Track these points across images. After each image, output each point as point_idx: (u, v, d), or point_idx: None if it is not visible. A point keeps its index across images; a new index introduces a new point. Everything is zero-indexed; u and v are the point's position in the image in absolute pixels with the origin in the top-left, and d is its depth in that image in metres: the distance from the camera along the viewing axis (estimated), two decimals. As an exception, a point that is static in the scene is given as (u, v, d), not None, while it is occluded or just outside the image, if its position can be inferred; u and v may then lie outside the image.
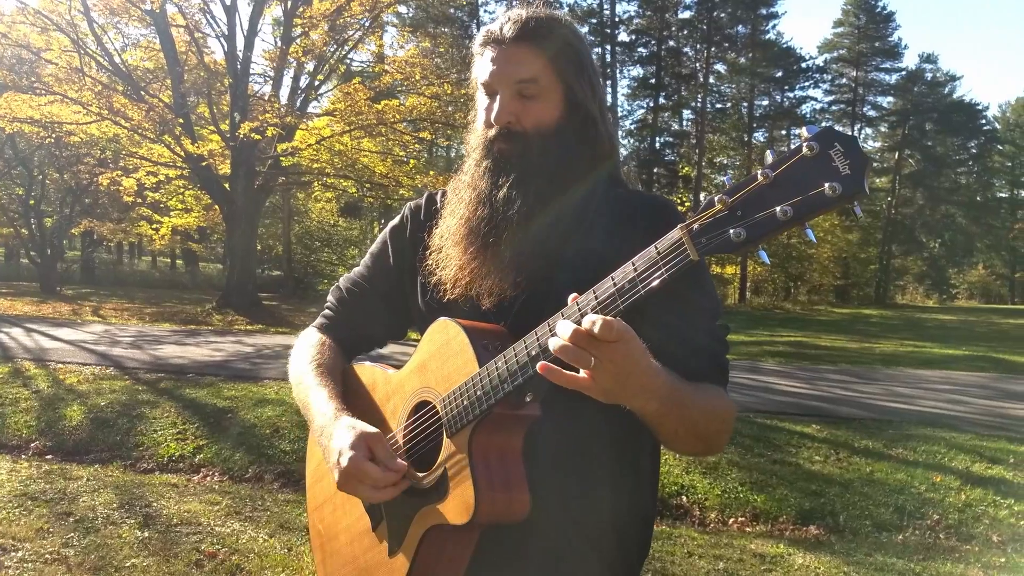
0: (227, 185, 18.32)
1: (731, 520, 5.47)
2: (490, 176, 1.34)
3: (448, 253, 1.36)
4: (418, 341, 1.37)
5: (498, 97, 1.35)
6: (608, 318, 0.99)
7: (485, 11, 37.96)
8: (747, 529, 5.34)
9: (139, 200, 21.65)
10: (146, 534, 4.43)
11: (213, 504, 5.13)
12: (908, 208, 46.98)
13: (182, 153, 17.31)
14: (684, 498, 5.73)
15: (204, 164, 17.17)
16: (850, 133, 0.92)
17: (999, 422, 7.94)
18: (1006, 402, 9.37)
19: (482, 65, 1.38)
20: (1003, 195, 57.08)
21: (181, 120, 17.26)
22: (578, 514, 1.31)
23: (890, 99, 47.25)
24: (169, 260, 41.81)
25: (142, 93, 17.42)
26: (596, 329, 0.98)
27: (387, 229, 1.58)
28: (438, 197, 1.52)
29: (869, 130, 48.22)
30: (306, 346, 1.57)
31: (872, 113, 47.26)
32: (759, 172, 0.95)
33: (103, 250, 36.97)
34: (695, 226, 0.98)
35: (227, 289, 19.38)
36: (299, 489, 5.82)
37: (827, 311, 33.28)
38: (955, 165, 50.19)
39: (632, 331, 1.01)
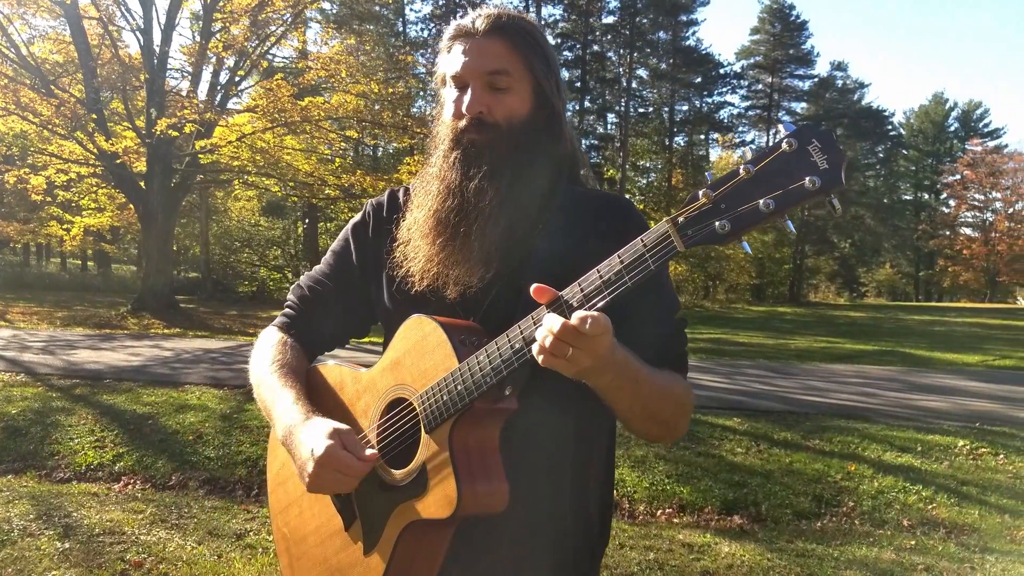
0: (142, 183, 17.70)
1: (659, 512, 5.61)
2: (460, 167, 1.33)
3: (416, 245, 1.35)
4: (375, 343, 1.36)
5: (470, 88, 1.35)
6: (595, 314, 1.03)
7: (411, 9, 37.84)
8: (674, 520, 5.48)
9: (48, 199, 20.65)
10: (67, 545, 4.26)
11: (137, 512, 4.97)
12: (820, 210, 48.73)
13: (95, 150, 16.67)
14: (614, 491, 5.84)
15: (118, 162, 16.55)
16: (826, 128, 0.98)
17: (907, 413, 8.36)
18: (913, 394, 9.87)
19: (452, 58, 1.38)
20: (908, 197, 60.06)
21: (94, 116, 16.62)
22: (546, 504, 1.34)
23: (804, 105, 49.10)
24: (80, 262, 40.08)
25: (52, 87, 16.67)
26: (587, 327, 1.03)
27: (349, 227, 1.57)
28: (400, 194, 1.52)
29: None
30: (267, 346, 1.52)
31: (787, 118, 48.85)
32: (741, 167, 1.00)
33: (9, 252, 35.20)
34: (681, 219, 1.03)
35: (142, 291, 18.72)
36: (226, 496, 5.69)
37: (744, 309, 34.38)
38: (864, 168, 52.49)
39: (611, 323, 1.06)
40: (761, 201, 0.97)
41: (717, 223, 1.00)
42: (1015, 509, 5.55)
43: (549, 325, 1.06)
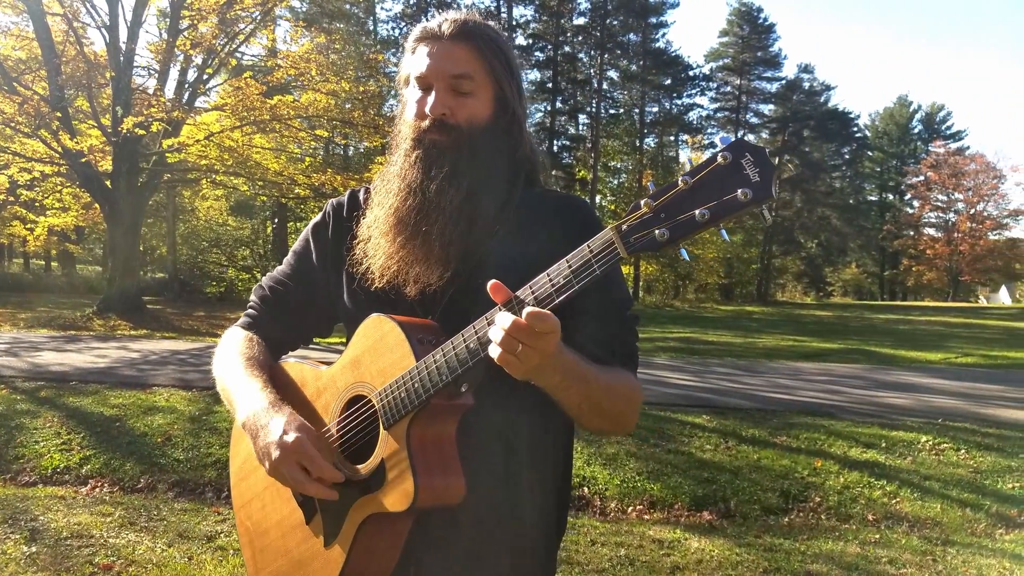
0: (108, 182, 17.43)
1: (630, 509, 5.67)
2: (422, 166, 1.36)
3: (377, 243, 1.38)
4: (335, 344, 1.38)
5: (433, 90, 1.38)
6: (545, 312, 1.08)
7: (381, 8, 37.70)
8: (645, 516, 5.55)
9: (11, 199, 20.24)
10: (34, 549, 4.21)
11: (105, 516, 4.92)
12: (787, 211, 49.48)
13: (59, 149, 16.39)
14: (586, 489, 5.90)
15: (84, 160, 16.28)
16: (759, 143, 1.03)
17: (872, 410, 8.51)
18: (878, 391, 10.04)
19: (416, 59, 1.41)
20: (873, 198, 61.13)
21: (58, 114, 16.32)
22: (502, 496, 1.37)
23: (771, 107, 49.73)
24: (44, 262, 39.32)
25: (15, 84, 16.35)
26: (536, 325, 1.07)
27: (309, 227, 1.59)
28: (360, 194, 1.55)
29: (752, 136, 50.58)
30: (232, 342, 1.54)
31: (754, 120, 49.60)
32: (679, 179, 1.05)
33: (-32, 252, 34.44)
34: (624, 227, 1.07)
35: (108, 292, 18.42)
36: (196, 498, 5.65)
37: (713, 308, 34.72)
38: (830, 170, 53.30)
39: (559, 322, 1.10)
40: (697, 211, 1.02)
41: (657, 231, 1.04)
42: (975, 503, 5.69)
43: (501, 322, 1.10)
